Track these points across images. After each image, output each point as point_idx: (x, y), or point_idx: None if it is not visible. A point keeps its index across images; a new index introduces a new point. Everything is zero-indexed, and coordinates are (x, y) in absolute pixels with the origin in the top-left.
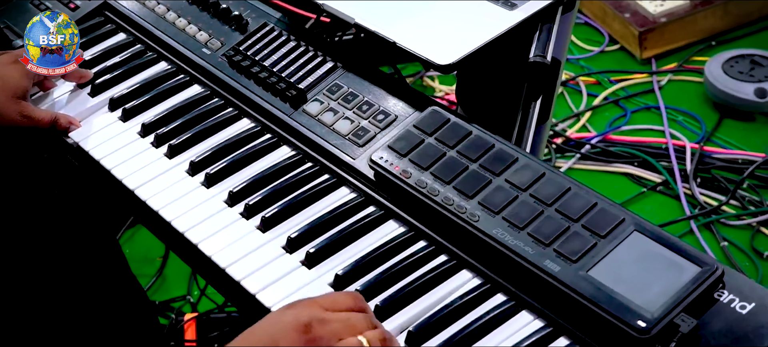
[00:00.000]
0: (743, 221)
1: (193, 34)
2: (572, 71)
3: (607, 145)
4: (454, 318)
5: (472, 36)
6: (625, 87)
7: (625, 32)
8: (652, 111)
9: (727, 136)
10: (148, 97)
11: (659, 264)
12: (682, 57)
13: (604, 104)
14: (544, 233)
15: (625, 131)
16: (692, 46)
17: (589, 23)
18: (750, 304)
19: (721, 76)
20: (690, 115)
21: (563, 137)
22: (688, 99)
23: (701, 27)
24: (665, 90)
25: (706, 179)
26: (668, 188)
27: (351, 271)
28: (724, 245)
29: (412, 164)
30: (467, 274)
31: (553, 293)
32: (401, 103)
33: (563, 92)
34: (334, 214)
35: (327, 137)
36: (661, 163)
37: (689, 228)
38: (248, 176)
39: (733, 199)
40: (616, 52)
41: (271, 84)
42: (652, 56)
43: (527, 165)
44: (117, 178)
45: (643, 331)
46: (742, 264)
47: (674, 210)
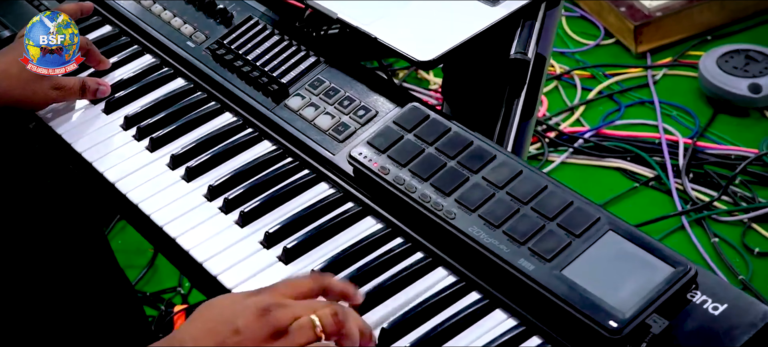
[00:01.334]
0: (735, 217)
1: (178, 27)
2: (567, 65)
3: (600, 139)
4: (428, 315)
5: (453, 33)
6: (620, 81)
7: (620, 26)
8: (647, 106)
9: (720, 131)
10: (132, 90)
11: (633, 263)
12: (677, 52)
13: (599, 98)
14: (520, 232)
15: (618, 126)
16: (688, 41)
17: (585, 17)
18: (723, 305)
19: (715, 72)
20: (684, 110)
21: (556, 131)
22: (683, 94)
23: (697, 21)
24: (660, 85)
25: (698, 174)
26: (660, 184)
27: (327, 267)
28: (714, 241)
29: (390, 160)
30: (443, 272)
31: (526, 292)
32: (382, 98)
33: (557, 86)
34: (313, 210)
35: (307, 132)
36: (653, 158)
37: (680, 224)
38: (228, 171)
39: (725, 195)
40: (611, 46)
41: (253, 78)
42: (647, 51)
43: (505, 163)
44: (98, 171)
45: (614, 331)
46: (732, 261)
47: (666, 206)
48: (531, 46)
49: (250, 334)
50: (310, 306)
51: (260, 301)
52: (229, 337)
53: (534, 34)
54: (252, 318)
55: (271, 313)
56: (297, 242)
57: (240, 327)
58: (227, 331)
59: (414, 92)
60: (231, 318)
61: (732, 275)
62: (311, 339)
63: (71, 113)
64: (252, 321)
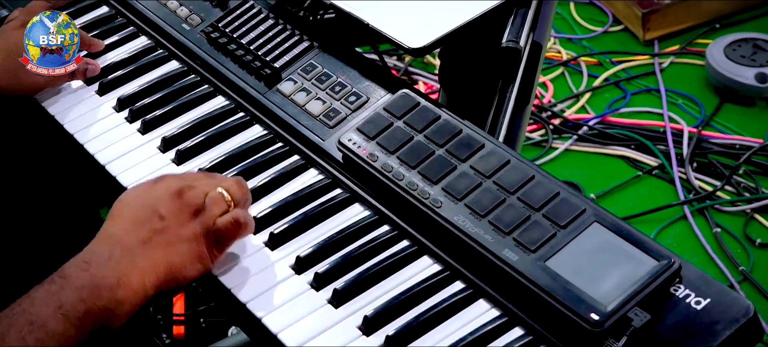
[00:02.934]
0: (738, 207)
1: (174, 9)
2: (574, 51)
3: (604, 127)
4: (411, 304)
5: (445, 20)
6: (627, 69)
7: (628, 13)
8: (653, 93)
9: (726, 120)
10: (126, 72)
11: (617, 256)
12: (685, 39)
13: (605, 86)
14: (505, 222)
15: (623, 114)
16: (697, 29)
17: (593, 3)
18: (705, 300)
19: (722, 60)
20: (690, 98)
21: (561, 117)
22: (689, 82)
23: (706, 9)
24: (667, 73)
25: (702, 163)
26: (664, 172)
27: (312, 254)
28: (716, 231)
29: (379, 147)
30: (428, 260)
31: (510, 282)
32: (374, 85)
33: (564, 72)
34: (300, 196)
35: (298, 117)
36: (658, 146)
37: (682, 213)
38: (219, 155)
39: (729, 185)
40: (619, 33)
41: (246, 62)
42: (655, 38)
43: (493, 152)
44: (89, 152)
45: (595, 324)
46: (733, 251)
47: (669, 195)
48: (523, 34)
49: (174, 216)
50: (213, 182)
51: (171, 185)
52: (156, 223)
53: (526, 23)
54: (170, 202)
55: (186, 194)
56: (283, 228)
57: (163, 212)
58: (153, 218)
59: (419, 76)
60: (152, 206)
61: (733, 266)
62: (224, 209)
63: (65, 94)
64: (171, 204)
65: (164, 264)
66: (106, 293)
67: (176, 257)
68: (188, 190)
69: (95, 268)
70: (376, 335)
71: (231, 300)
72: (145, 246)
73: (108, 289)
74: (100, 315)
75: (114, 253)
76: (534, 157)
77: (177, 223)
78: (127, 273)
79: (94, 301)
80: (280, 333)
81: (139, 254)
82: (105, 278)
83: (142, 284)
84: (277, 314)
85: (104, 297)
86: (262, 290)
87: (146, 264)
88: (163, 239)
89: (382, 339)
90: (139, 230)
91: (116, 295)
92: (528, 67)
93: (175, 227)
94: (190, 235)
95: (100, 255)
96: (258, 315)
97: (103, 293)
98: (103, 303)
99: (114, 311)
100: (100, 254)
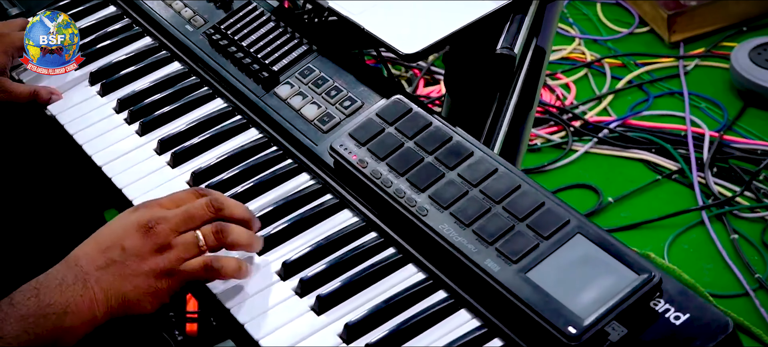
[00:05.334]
0: (756, 213)
1: (179, 10)
2: (598, 52)
3: (626, 130)
4: (393, 313)
5: (439, 26)
6: (651, 71)
7: (654, 15)
8: (676, 96)
9: (749, 125)
10: (127, 72)
11: (598, 268)
12: (711, 42)
13: (628, 88)
14: (489, 232)
15: (645, 116)
16: (722, 32)
17: (620, 4)
18: (685, 315)
19: (746, 64)
20: (713, 102)
21: (582, 120)
22: (713, 86)
23: (733, 12)
24: (691, 76)
25: (723, 168)
26: (684, 177)
27: (299, 259)
28: (734, 237)
29: (369, 153)
30: (412, 269)
31: (491, 293)
32: (369, 90)
33: (587, 74)
34: (290, 200)
35: (293, 121)
36: (678, 150)
37: (700, 219)
38: (214, 158)
39: (748, 190)
40: (645, 35)
41: (245, 65)
42: (681, 40)
43: (481, 160)
44: (87, 153)
45: (572, 338)
46: (750, 258)
47: (687, 199)
48: (519, 40)
49: (134, 251)
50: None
51: (142, 217)
52: (116, 253)
53: (523, 29)
54: (136, 236)
55: (153, 229)
56: (270, 234)
57: (126, 244)
58: (116, 249)
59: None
60: (119, 236)
61: (749, 273)
62: (194, 253)
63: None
64: (135, 237)
65: (117, 294)
66: (51, 321)
67: (130, 291)
68: (157, 224)
69: (43, 295)
70: (356, 343)
71: (216, 304)
72: (100, 273)
73: (54, 317)
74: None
75: (66, 278)
76: (553, 159)
77: (137, 257)
78: (77, 300)
79: (39, 331)
80: (261, 340)
81: (92, 280)
82: (51, 306)
83: (92, 312)
84: (259, 320)
85: (49, 326)
86: (247, 296)
87: (98, 292)
88: (120, 270)
89: None
90: (99, 257)
91: (63, 323)
92: (531, 72)
93: (134, 261)
94: (148, 270)
95: (52, 280)
96: (241, 320)
97: (48, 322)
98: (48, 333)
99: (62, 339)
100: (52, 278)
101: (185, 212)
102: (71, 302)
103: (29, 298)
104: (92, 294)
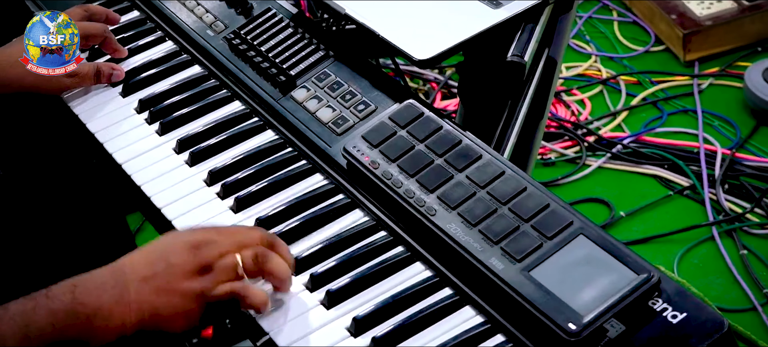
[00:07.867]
0: (766, 230)
1: (201, 16)
2: (614, 70)
3: (639, 146)
4: (400, 308)
5: (452, 33)
6: (665, 89)
7: (670, 33)
8: (689, 114)
9: (761, 143)
10: (149, 74)
11: (599, 268)
12: (725, 62)
13: (642, 105)
14: (494, 231)
15: (659, 133)
16: (737, 51)
17: (637, 22)
18: (682, 314)
19: (760, 83)
20: (726, 120)
21: (596, 135)
22: (727, 104)
23: (748, 32)
24: (705, 94)
25: (734, 185)
26: (695, 193)
27: (310, 256)
28: (743, 253)
29: (381, 155)
30: (419, 266)
31: (494, 290)
32: (383, 95)
33: (603, 90)
34: (303, 200)
35: (308, 123)
36: (690, 167)
37: (711, 234)
38: (230, 158)
39: (758, 207)
40: (660, 53)
41: (264, 69)
42: (696, 59)
43: (489, 163)
44: (108, 151)
45: (572, 334)
46: (759, 273)
47: (698, 215)
48: (529, 49)
49: (178, 268)
50: (236, 246)
51: (194, 237)
52: (161, 269)
53: (533, 38)
54: (184, 253)
55: (200, 250)
56: (283, 231)
57: (172, 261)
58: (161, 263)
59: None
60: (167, 252)
61: (757, 288)
62: (232, 278)
63: (92, 95)
64: (183, 256)
65: (151, 308)
66: (81, 321)
67: (165, 307)
68: (205, 246)
69: (79, 293)
70: (363, 336)
71: None
72: (140, 283)
73: (84, 317)
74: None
75: (107, 281)
76: (567, 173)
77: (180, 275)
78: (110, 305)
79: (65, 329)
80: (271, 333)
81: (131, 289)
82: (83, 305)
83: (123, 320)
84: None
85: (78, 326)
86: None
87: (133, 301)
88: (160, 284)
89: (368, 341)
90: (144, 267)
91: (91, 324)
92: (542, 82)
93: (176, 279)
94: (187, 291)
95: (92, 281)
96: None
97: (77, 321)
98: (75, 332)
99: (88, 340)
100: (93, 279)
101: (236, 240)
102: (104, 306)
103: (65, 293)
104: (127, 302)
